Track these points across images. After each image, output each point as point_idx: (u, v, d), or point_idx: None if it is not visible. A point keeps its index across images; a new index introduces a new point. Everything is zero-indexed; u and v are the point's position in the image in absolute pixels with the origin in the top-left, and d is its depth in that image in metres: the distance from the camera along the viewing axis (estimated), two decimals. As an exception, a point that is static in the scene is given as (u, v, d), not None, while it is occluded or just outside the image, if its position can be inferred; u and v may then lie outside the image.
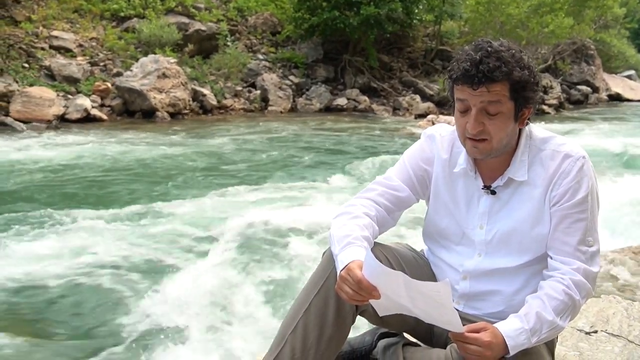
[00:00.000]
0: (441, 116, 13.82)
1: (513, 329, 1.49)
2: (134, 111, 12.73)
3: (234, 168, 8.64)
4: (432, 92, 16.88)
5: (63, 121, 11.61)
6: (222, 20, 16.87)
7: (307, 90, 16.22)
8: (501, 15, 17.90)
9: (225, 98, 14.78)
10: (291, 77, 16.37)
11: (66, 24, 14.70)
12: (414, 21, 18.36)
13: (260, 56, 16.75)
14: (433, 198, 1.77)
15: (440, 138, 1.75)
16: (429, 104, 16.32)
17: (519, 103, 1.54)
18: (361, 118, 14.99)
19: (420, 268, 1.78)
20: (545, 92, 18.50)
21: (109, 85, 13.02)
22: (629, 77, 25.73)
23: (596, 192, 1.60)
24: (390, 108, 16.42)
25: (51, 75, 12.94)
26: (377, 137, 12.01)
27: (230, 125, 12.82)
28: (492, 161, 1.63)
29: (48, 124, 11.25)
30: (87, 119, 11.88)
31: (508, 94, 1.51)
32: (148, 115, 12.65)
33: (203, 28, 15.85)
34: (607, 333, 2.41)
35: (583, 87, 21.12)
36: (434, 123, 11.62)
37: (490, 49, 1.50)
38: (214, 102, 14.23)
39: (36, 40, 13.65)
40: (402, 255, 1.77)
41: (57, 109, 11.68)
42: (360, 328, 1.89)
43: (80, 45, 14.30)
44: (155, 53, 13.79)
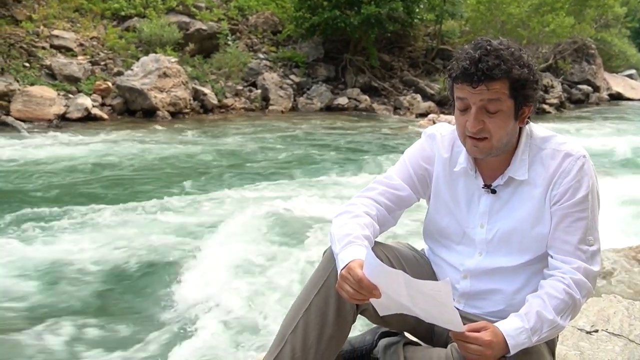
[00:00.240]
0: (442, 115, 13.81)
1: (514, 328, 1.49)
2: (135, 110, 12.72)
3: (254, 165, 8.78)
4: (433, 92, 16.86)
5: (64, 120, 11.61)
6: (223, 19, 16.86)
7: (308, 89, 16.21)
8: (502, 14, 17.89)
9: (226, 97, 14.77)
10: (292, 77, 16.36)
11: (67, 23, 14.70)
12: (415, 20, 18.32)
13: (261, 55, 16.74)
14: (433, 197, 1.77)
15: (440, 137, 1.76)
16: (430, 103, 16.30)
17: (519, 101, 1.54)
18: (367, 117, 14.97)
19: (420, 267, 1.78)
20: (546, 92, 18.47)
21: (110, 84, 13.02)
22: (630, 77, 25.69)
23: (597, 192, 1.60)
24: (391, 107, 16.40)
25: (52, 74, 12.94)
26: (391, 136, 12.09)
27: (238, 124, 12.87)
28: (493, 160, 1.63)
29: (49, 124, 11.25)
30: (88, 118, 11.87)
31: (507, 92, 1.51)
32: (149, 114, 12.64)
33: (204, 27, 15.84)
34: (608, 332, 2.41)
35: (584, 87, 21.08)
36: (435, 122, 11.60)
37: (489, 48, 1.50)
38: (215, 102, 14.22)
39: (37, 39, 13.65)
40: (403, 254, 1.77)
41: (58, 108, 11.68)
42: (360, 327, 1.89)
43: (81, 44, 14.31)
44: (156, 52, 13.78)
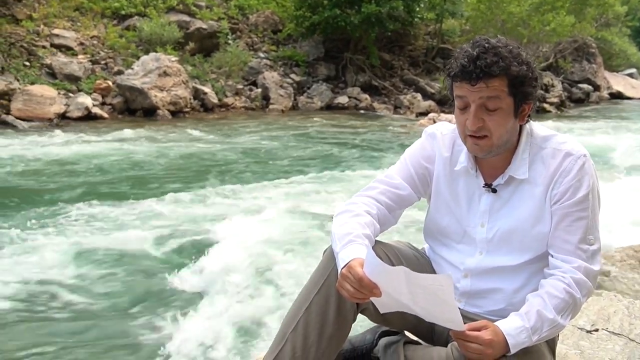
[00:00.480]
0: (442, 114, 13.81)
1: (514, 327, 1.49)
2: (135, 109, 12.72)
3: (273, 162, 8.94)
4: (433, 91, 16.86)
5: (64, 119, 11.62)
6: (223, 18, 16.86)
7: (308, 88, 16.20)
8: (502, 13, 17.88)
9: (226, 96, 14.77)
10: (292, 76, 16.36)
11: (67, 22, 14.70)
12: (415, 19, 18.33)
13: (261, 54, 16.74)
14: (434, 196, 1.77)
15: (441, 136, 1.75)
16: (430, 102, 16.30)
17: (518, 98, 1.54)
18: (370, 117, 14.99)
19: (421, 266, 1.77)
20: (546, 91, 18.47)
21: (110, 83, 13.02)
22: (630, 76, 25.70)
23: (597, 191, 1.60)
24: (391, 106, 16.40)
25: (52, 73, 12.95)
26: (403, 134, 12.16)
27: (242, 122, 12.92)
28: (493, 159, 1.63)
29: (49, 122, 11.26)
30: (88, 117, 11.89)
31: (507, 90, 1.51)
32: (149, 113, 12.65)
33: (204, 26, 15.83)
34: (608, 331, 2.41)
35: (584, 86, 21.08)
36: (435, 121, 11.62)
37: (487, 45, 1.51)
38: (215, 101, 14.22)
39: (37, 38, 13.65)
40: (403, 253, 1.77)
41: (58, 107, 11.69)
42: (361, 326, 1.89)
43: (81, 43, 14.31)
44: (156, 51, 13.78)
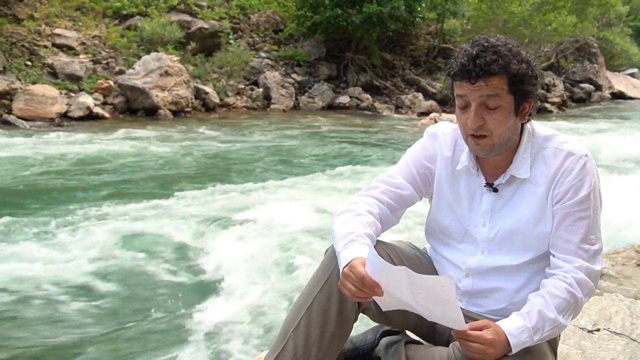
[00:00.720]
0: (444, 114, 13.81)
1: (515, 327, 1.49)
2: (137, 109, 12.72)
3: (285, 160, 9.04)
4: (435, 90, 16.84)
5: (65, 119, 11.62)
6: (225, 18, 16.86)
7: (310, 88, 16.20)
8: (504, 13, 17.86)
9: (227, 96, 14.77)
10: (294, 75, 16.36)
11: (69, 22, 14.71)
12: (417, 19, 18.31)
13: (262, 54, 16.73)
14: (436, 196, 1.77)
15: (442, 136, 1.76)
16: (432, 102, 16.29)
17: (518, 97, 1.54)
18: (374, 117, 15.00)
19: (422, 266, 1.77)
20: (548, 90, 18.45)
21: (112, 83, 13.03)
22: (632, 75, 25.65)
23: (599, 191, 1.60)
24: (392, 106, 16.39)
25: (54, 73, 12.96)
26: (419, 133, 12.19)
27: (246, 121, 12.97)
28: (494, 159, 1.63)
29: (51, 122, 11.26)
30: (90, 117, 11.88)
31: (507, 88, 1.51)
32: (150, 113, 12.64)
33: (205, 26, 15.83)
34: (610, 331, 2.41)
35: (586, 85, 21.06)
36: (437, 121, 11.63)
37: (486, 44, 1.51)
38: (217, 100, 14.22)
39: (39, 38, 13.66)
40: (405, 252, 1.77)
41: (60, 107, 11.69)
42: (362, 326, 1.89)
43: (82, 43, 14.31)
44: (157, 51, 13.78)
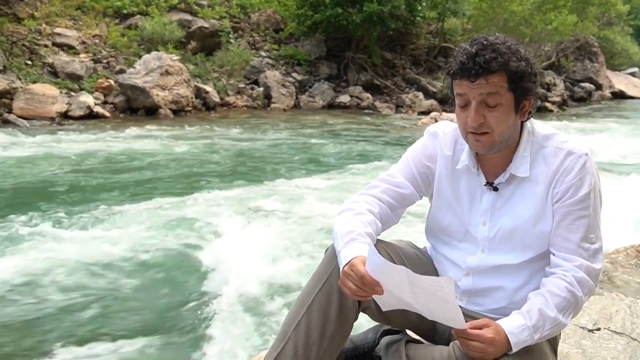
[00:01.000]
0: (444, 113, 13.81)
1: (516, 326, 1.49)
2: (137, 108, 12.73)
3: (322, 159, 9.14)
4: (435, 90, 16.85)
5: (66, 118, 11.62)
6: (225, 17, 16.87)
7: (310, 87, 16.20)
8: (504, 12, 17.85)
9: (228, 95, 14.78)
10: (294, 74, 16.36)
11: (69, 21, 14.71)
12: (417, 18, 18.32)
13: (263, 53, 16.74)
14: (436, 195, 1.77)
15: (443, 135, 1.76)
16: (432, 101, 16.30)
17: (518, 94, 1.54)
18: (374, 116, 15.00)
19: (422, 265, 1.78)
20: (548, 90, 18.44)
21: (112, 82, 13.03)
22: (633, 75, 25.66)
23: (599, 190, 1.60)
24: (393, 105, 16.39)
25: (54, 72, 12.96)
26: (405, 133, 12.22)
27: (274, 120, 13.05)
28: (495, 157, 1.63)
29: (51, 121, 11.27)
30: (90, 116, 11.89)
31: (506, 85, 1.52)
32: (151, 112, 12.65)
33: (206, 25, 15.84)
34: (610, 331, 2.40)
35: (586, 85, 21.06)
36: (437, 120, 11.65)
37: (485, 42, 1.52)
38: (217, 99, 14.22)
39: (39, 37, 13.66)
40: (405, 252, 1.77)
41: (60, 106, 11.70)
42: (362, 325, 1.89)
43: (83, 42, 14.32)
44: (158, 50, 13.79)
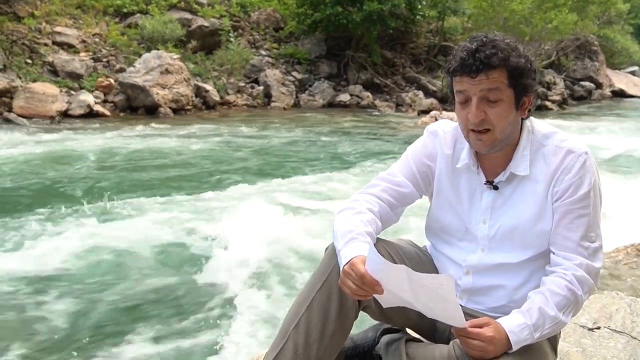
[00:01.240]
0: (444, 112, 13.79)
1: (516, 325, 1.49)
2: (137, 107, 12.73)
3: (291, 158, 9.21)
4: (435, 88, 16.85)
5: (66, 117, 11.62)
6: (225, 16, 16.86)
7: (310, 86, 16.20)
8: (504, 11, 17.83)
9: (228, 94, 14.77)
10: (294, 73, 16.35)
11: (69, 20, 14.71)
12: (417, 17, 18.31)
13: (263, 52, 16.73)
14: (436, 194, 1.77)
15: (443, 134, 1.75)
16: (432, 100, 16.29)
17: (518, 90, 1.54)
18: (374, 114, 15.01)
19: (423, 264, 1.77)
20: (548, 88, 18.44)
21: (112, 81, 13.03)
22: (633, 73, 25.64)
23: (599, 188, 1.60)
24: (393, 104, 16.39)
25: (54, 71, 12.96)
26: (405, 133, 12.26)
27: (274, 119, 13.08)
28: (495, 156, 1.63)
29: (51, 120, 11.26)
30: (90, 115, 11.89)
31: (506, 81, 1.52)
32: (151, 111, 12.65)
33: (206, 24, 15.83)
34: (610, 329, 2.40)
35: (586, 83, 21.06)
36: (437, 119, 11.63)
37: (485, 39, 1.52)
38: (217, 98, 14.22)
39: (39, 36, 13.66)
40: (405, 250, 1.77)
41: (60, 105, 11.70)
42: (362, 324, 1.89)
43: (83, 41, 14.31)
44: (158, 49, 13.79)
